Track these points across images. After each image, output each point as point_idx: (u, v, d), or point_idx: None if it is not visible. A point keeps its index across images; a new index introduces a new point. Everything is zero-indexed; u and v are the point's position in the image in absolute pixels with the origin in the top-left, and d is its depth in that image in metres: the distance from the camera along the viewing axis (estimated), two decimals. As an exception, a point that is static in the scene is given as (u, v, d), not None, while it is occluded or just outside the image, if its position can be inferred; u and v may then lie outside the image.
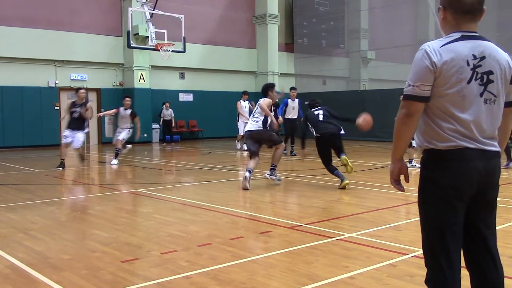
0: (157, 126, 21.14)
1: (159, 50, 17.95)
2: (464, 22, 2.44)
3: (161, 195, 7.97)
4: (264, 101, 8.67)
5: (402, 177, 2.59)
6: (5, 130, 17.61)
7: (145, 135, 20.63)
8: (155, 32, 18.28)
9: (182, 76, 22.40)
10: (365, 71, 27.14)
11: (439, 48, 2.38)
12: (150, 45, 18.30)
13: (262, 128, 8.63)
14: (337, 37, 27.22)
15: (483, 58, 2.40)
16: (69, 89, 19.26)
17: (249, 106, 15.55)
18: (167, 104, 20.44)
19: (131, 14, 17.99)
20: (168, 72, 21.74)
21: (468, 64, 2.37)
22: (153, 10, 18.54)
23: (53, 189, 9.06)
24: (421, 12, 29.65)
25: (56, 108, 18.78)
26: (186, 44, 18.81)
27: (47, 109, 18.51)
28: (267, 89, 8.89)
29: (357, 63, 27.23)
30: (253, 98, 15.71)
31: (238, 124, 16.17)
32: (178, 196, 7.93)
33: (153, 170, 11.82)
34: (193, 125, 22.44)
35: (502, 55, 2.47)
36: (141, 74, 20.25)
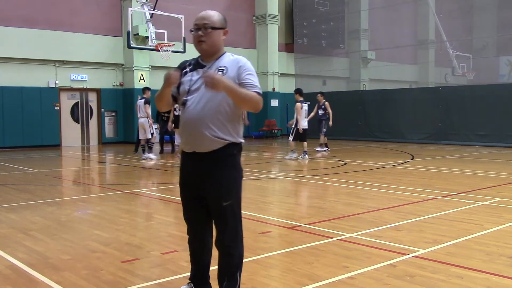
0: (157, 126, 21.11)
1: (159, 51, 17.94)
2: None
3: (161, 195, 7.97)
4: None
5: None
6: (5, 130, 17.61)
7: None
8: (155, 32, 18.28)
9: (182, 76, 22.39)
10: (365, 71, 27.16)
11: None
12: (150, 46, 18.30)
13: None
14: (337, 37, 27.22)
15: None
16: (69, 89, 19.28)
17: None
18: None
19: (131, 15, 18.00)
20: (168, 73, 21.72)
21: None
22: (153, 10, 18.55)
23: (53, 189, 9.06)
24: (421, 12, 29.70)
25: (56, 108, 18.78)
26: (186, 44, 18.80)
27: (47, 109, 18.51)
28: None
29: (357, 63, 27.26)
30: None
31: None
32: (178, 196, 7.91)
33: (153, 170, 11.82)
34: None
35: None
36: (141, 74, 20.24)
